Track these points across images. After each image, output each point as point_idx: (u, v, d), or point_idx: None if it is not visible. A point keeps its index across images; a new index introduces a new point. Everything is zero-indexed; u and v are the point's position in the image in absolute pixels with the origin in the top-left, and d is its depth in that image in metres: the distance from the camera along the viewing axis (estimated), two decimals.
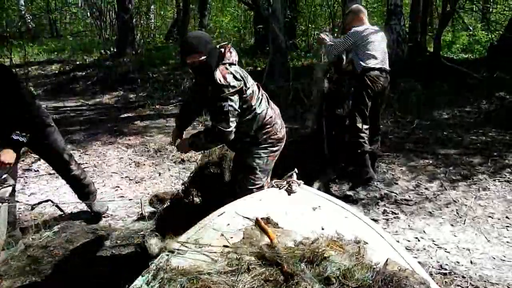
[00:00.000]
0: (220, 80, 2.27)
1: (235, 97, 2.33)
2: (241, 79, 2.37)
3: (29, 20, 14.89)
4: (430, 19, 10.15)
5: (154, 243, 1.57)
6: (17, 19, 14.01)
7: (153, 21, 16.08)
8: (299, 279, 1.39)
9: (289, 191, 2.33)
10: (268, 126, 2.58)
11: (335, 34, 8.34)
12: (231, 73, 2.33)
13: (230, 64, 2.38)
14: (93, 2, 14.68)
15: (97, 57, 10.96)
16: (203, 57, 2.29)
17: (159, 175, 4.61)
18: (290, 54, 8.75)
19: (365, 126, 3.81)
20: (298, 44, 11.15)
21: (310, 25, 11.55)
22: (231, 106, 2.31)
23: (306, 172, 3.91)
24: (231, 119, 2.34)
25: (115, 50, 10.82)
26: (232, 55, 2.43)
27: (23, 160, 4.74)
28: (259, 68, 8.75)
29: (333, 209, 2.17)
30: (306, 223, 1.95)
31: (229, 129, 2.35)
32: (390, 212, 3.54)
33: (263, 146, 2.59)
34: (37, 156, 4.70)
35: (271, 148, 2.62)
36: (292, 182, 2.36)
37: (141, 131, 6.06)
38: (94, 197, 3.48)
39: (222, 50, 2.40)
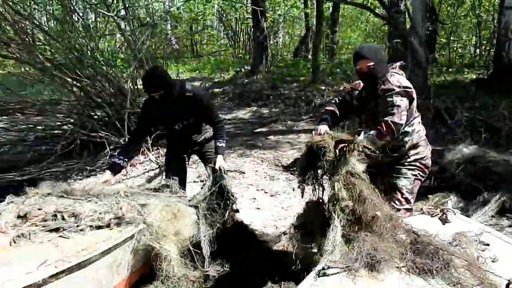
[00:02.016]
0: (394, 82, 2.39)
1: (405, 98, 2.37)
2: (412, 88, 2.42)
3: (174, 43, 16.76)
4: None
5: None
6: (165, 42, 15.86)
7: (281, 39, 16.70)
8: None
9: (443, 220, 2.12)
10: (421, 147, 2.55)
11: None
12: (403, 78, 2.45)
13: (398, 74, 2.49)
14: (228, 24, 15.84)
15: (232, 75, 11.73)
16: (371, 63, 2.41)
17: (293, 190, 4.64)
18: (430, 69, 8.15)
19: None
20: (437, 58, 10.36)
21: (452, 37, 10.64)
22: (402, 101, 2.35)
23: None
24: (403, 113, 2.35)
25: (249, 68, 11.45)
26: (400, 71, 2.55)
27: None
28: None
29: (505, 248, 1.87)
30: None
31: (401, 122, 2.36)
32: None
33: (412, 167, 2.55)
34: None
35: (418, 172, 2.57)
36: (447, 211, 2.15)
37: (274, 145, 6.23)
38: None
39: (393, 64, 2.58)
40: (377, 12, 8.67)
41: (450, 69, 8.94)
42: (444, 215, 2.15)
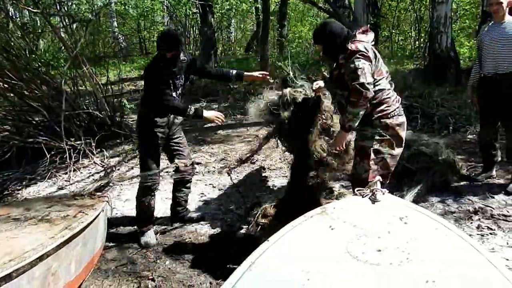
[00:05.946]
0: (351, 47, 2.52)
1: (366, 60, 2.49)
2: (370, 51, 2.53)
3: (121, 41, 16.27)
4: None
5: None
6: (111, 40, 15.40)
7: (233, 34, 16.67)
8: None
9: (373, 200, 2.25)
10: (385, 105, 2.64)
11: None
12: (362, 44, 2.54)
13: (361, 41, 2.56)
14: (178, 20, 15.57)
15: None
16: (321, 47, 2.73)
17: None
18: None
19: None
20: (380, 50, 10.79)
21: (393, 31, 11.11)
22: (364, 64, 2.46)
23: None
24: (367, 74, 2.45)
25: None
26: (368, 36, 2.62)
27: (118, 169, 5.18)
28: None
29: (422, 220, 2.04)
30: (393, 234, 1.86)
31: (367, 81, 2.46)
32: (486, 227, 3.24)
33: (376, 127, 2.66)
34: (132, 164, 5.06)
35: (384, 131, 2.66)
36: (376, 191, 2.28)
37: (223, 140, 6.27)
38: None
39: (360, 30, 2.64)
40: (320, 6, 8.87)
41: (392, 60, 9.33)
42: (374, 195, 2.26)
